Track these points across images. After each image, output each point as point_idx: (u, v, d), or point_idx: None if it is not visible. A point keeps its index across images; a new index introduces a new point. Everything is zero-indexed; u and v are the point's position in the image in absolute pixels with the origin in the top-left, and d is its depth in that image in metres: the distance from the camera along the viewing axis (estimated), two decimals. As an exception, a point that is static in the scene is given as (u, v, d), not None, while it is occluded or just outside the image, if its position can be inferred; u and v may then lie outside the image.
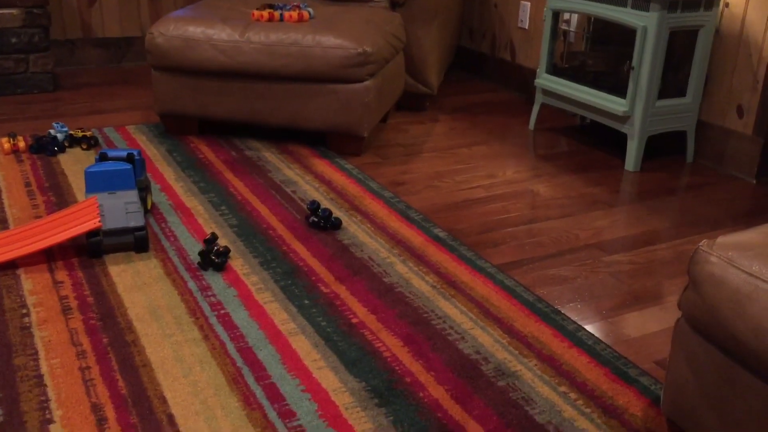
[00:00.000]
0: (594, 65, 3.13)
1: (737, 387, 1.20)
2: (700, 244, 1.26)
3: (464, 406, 1.50)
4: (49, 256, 2.01)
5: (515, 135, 3.21)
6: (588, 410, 1.51)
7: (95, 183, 2.10)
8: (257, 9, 2.89)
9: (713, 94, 2.91)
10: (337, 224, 2.22)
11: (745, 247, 1.22)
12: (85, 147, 2.77)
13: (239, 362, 1.61)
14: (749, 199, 2.64)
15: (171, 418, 1.44)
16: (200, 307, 1.81)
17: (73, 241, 2.07)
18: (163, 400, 1.48)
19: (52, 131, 2.78)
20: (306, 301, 1.85)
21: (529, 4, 3.71)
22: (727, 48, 2.84)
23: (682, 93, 2.86)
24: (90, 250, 2.00)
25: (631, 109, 2.78)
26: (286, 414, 1.46)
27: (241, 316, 1.77)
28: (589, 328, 1.81)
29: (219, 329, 1.72)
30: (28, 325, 1.71)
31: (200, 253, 1.99)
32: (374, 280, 1.96)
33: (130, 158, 2.19)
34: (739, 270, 1.18)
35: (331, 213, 2.22)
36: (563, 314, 1.85)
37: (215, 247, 1.99)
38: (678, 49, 2.88)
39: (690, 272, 1.26)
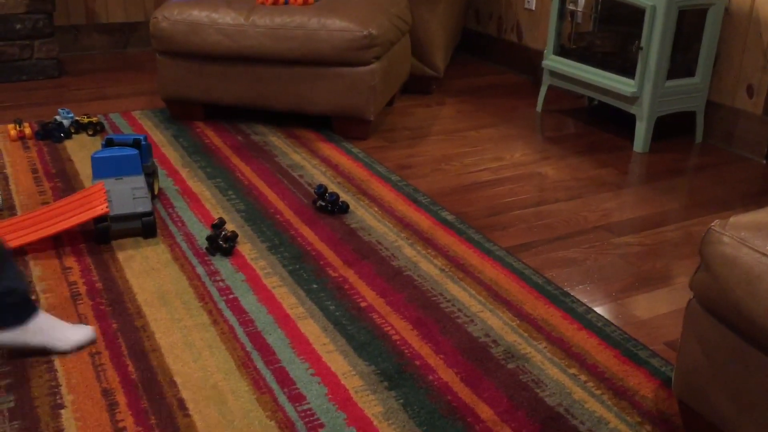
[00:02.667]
0: (602, 46, 3.10)
1: (750, 367, 1.19)
2: (713, 224, 1.25)
3: (474, 389, 1.50)
4: (57, 243, 2.01)
5: (522, 117, 3.19)
6: (598, 392, 1.51)
7: (102, 169, 2.09)
8: (262, -8, 2.87)
9: (723, 74, 2.89)
10: (344, 208, 2.21)
11: (758, 227, 1.20)
12: (91, 133, 2.77)
13: (248, 346, 1.61)
14: (759, 179, 2.62)
15: (181, 402, 1.44)
16: (209, 292, 1.81)
17: (81, 227, 2.07)
18: (174, 385, 1.49)
19: (57, 117, 2.77)
20: (314, 286, 1.85)
21: (535, -16, 3.68)
22: (736, 27, 2.80)
23: (691, 73, 2.84)
24: (98, 235, 2.00)
25: (640, 89, 2.75)
26: (296, 397, 1.46)
27: (249, 301, 1.77)
28: (598, 310, 1.80)
29: (228, 314, 1.72)
30: (37, 311, 1.71)
31: (208, 238, 1.98)
32: (382, 264, 1.95)
33: (136, 144, 2.18)
34: (752, 250, 1.17)
35: (338, 197, 2.21)
36: (572, 296, 1.84)
37: (223, 232, 1.99)
38: (687, 29, 2.84)
39: (702, 253, 1.25)
